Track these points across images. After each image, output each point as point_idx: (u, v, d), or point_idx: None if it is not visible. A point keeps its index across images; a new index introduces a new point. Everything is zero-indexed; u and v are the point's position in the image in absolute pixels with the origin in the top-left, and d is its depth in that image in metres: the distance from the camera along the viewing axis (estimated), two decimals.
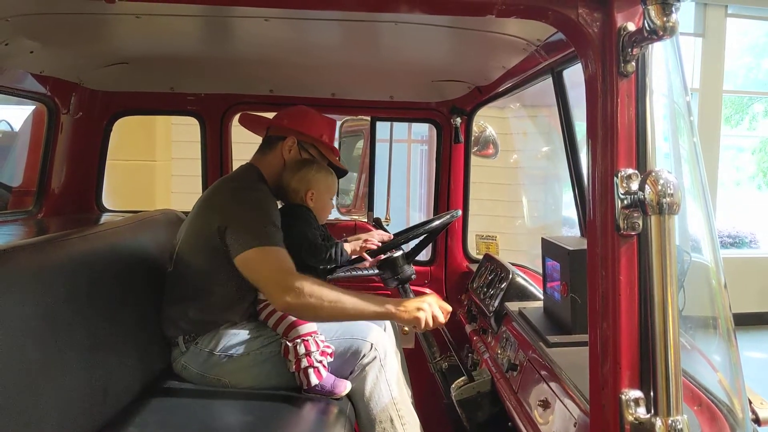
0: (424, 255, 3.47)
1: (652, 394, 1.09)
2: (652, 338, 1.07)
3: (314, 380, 2.26)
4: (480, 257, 3.23)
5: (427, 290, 2.67)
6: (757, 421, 1.44)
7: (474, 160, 3.44)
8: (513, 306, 2.40)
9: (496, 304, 2.54)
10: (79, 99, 2.93)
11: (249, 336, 2.36)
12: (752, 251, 9.06)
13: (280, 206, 2.53)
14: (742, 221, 9.66)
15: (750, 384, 1.49)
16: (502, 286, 2.58)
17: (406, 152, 7.15)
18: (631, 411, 1.10)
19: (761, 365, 6.77)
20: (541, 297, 2.37)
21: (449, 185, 3.37)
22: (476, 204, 3.64)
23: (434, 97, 3.23)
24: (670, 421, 1.06)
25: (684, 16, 8.15)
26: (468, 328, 2.66)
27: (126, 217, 2.79)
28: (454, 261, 3.41)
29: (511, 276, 2.58)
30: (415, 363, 2.84)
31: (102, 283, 2.14)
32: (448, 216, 2.73)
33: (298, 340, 2.28)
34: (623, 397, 1.10)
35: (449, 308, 2.21)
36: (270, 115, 2.71)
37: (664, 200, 1.06)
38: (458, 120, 3.21)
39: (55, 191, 2.96)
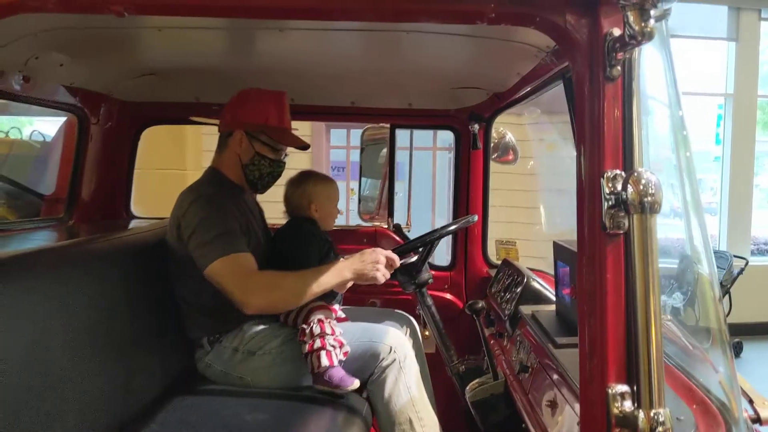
0: (445, 260, 3.51)
1: (636, 388, 1.11)
2: (635, 334, 1.10)
3: (325, 362, 2.28)
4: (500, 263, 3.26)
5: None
6: (758, 420, 1.45)
7: (494, 167, 3.47)
8: (527, 309, 2.43)
9: (511, 308, 2.57)
10: (108, 110, 3.04)
11: (271, 334, 2.43)
12: None
13: (287, 221, 2.65)
14: None
15: None
16: (518, 290, 2.60)
17: (431, 159, 7.20)
18: (617, 405, 1.12)
19: None
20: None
21: (468, 191, 3.41)
22: (497, 211, 3.67)
23: (452, 104, 3.27)
24: (652, 414, 1.09)
25: (717, 20, 8.06)
26: (486, 332, 2.68)
27: (152, 223, 2.89)
28: (474, 266, 3.44)
29: (526, 280, 2.60)
30: (437, 367, 2.88)
31: (126, 286, 2.23)
32: (463, 221, 2.77)
33: (315, 322, 2.34)
34: (610, 391, 1.13)
35: (395, 256, 2.41)
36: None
37: (646, 199, 1.08)
38: (476, 126, 3.24)
39: (86, 199, 3.06)
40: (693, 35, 8.05)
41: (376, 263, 2.35)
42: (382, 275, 2.36)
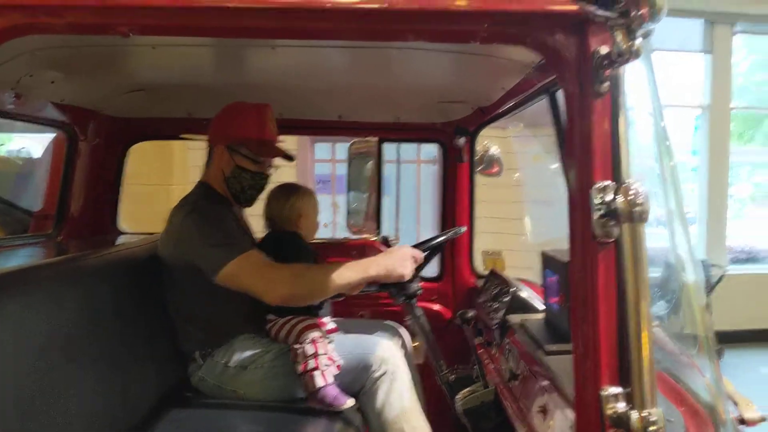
0: (433, 271, 3.55)
1: (629, 389, 1.17)
2: (627, 337, 1.16)
3: (319, 382, 2.30)
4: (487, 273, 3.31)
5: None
6: (743, 421, 1.51)
7: (480, 179, 3.53)
8: (515, 318, 2.47)
9: (499, 317, 2.62)
10: (97, 126, 3.05)
11: (263, 349, 2.44)
12: (766, 266, 9.02)
13: (267, 234, 2.68)
14: (757, 237, 9.63)
15: (765, 399, 1.57)
16: (506, 299, 2.65)
17: (415, 172, 7.28)
18: (610, 406, 1.17)
19: None
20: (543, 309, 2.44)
21: (455, 203, 3.46)
22: (484, 222, 3.73)
23: (438, 118, 3.32)
24: (645, 414, 1.14)
25: (692, 34, 8.24)
26: (474, 342, 2.73)
27: (141, 238, 2.90)
28: (462, 277, 3.49)
29: (513, 290, 2.66)
30: (427, 377, 2.91)
31: (118, 301, 2.24)
32: (451, 232, 2.82)
33: (308, 342, 2.35)
34: (603, 393, 1.18)
35: (418, 252, 2.43)
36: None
37: (635, 209, 1.14)
38: (462, 140, 3.30)
39: (74, 215, 3.07)
40: (670, 48, 8.22)
41: (404, 260, 2.39)
42: (410, 272, 2.40)
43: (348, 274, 2.30)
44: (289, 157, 2.62)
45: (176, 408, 2.30)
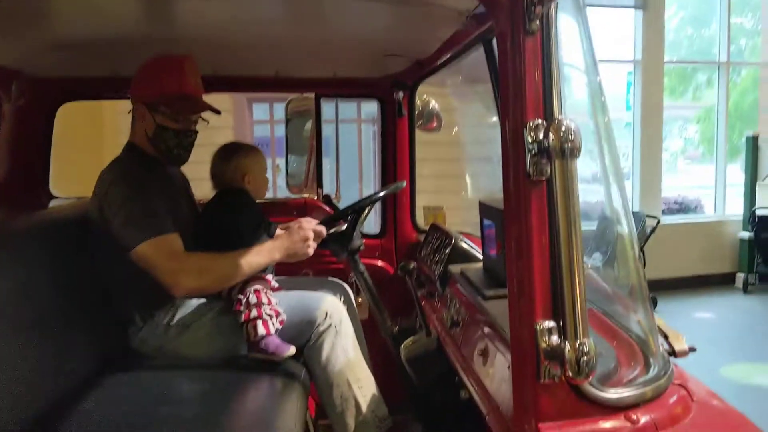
0: (374, 228, 3.56)
1: (562, 322, 1.20)
2: (560, 272, 1.18)
3: (261, 330, 2.30)
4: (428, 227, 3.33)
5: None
6: (673, 353, 1.57)
7: (426, 137, 3.53)
8: (456, 268, 2.51)
9: (441, 268, 2.65)
10: (21, 86, 2.90)
11: (205, 306, 2.42)
12: (697, 216, 9.39)
13: (213, 194, 2.63)
14: (688, 188, 10.01)
15: (698, 342, 1.64)
16: (446, 251, 2.68)
17: (356, 132, 7.24)
18: (545, 339, 1.20)
19: (708, 325, 7.06)
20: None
21: (395, 159, 3.46)
22: (426, 180, 3.74)
23: (376, 72, 3.29)
24: (577, 344, 1.18)
25: None
26: (417, 293, 2.76)
27: (73, 202, 2.81)
28: (404, 232, 3.51)
29: (454, 241, 2.69)
30: (371, 332, 2.93)
31: (51, 267, 2.18)
32: (392, 186, 2.82)
33: (250, 291, 2.35)
34: (537, 327, 1.21)
35: (322, 228, 2.48)
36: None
37: (566, 145, 1.16)
38: (401, 94, 3.28)
39: (2, 180, 2.95)
40: (602, 4, 8.32)
41: (306, 240, 2.39)
42: (312, 249, 2.41)
43: (255, 260, 2.31)
44: (215, 111, 2.52)
45: (116, 373, 2.25)
